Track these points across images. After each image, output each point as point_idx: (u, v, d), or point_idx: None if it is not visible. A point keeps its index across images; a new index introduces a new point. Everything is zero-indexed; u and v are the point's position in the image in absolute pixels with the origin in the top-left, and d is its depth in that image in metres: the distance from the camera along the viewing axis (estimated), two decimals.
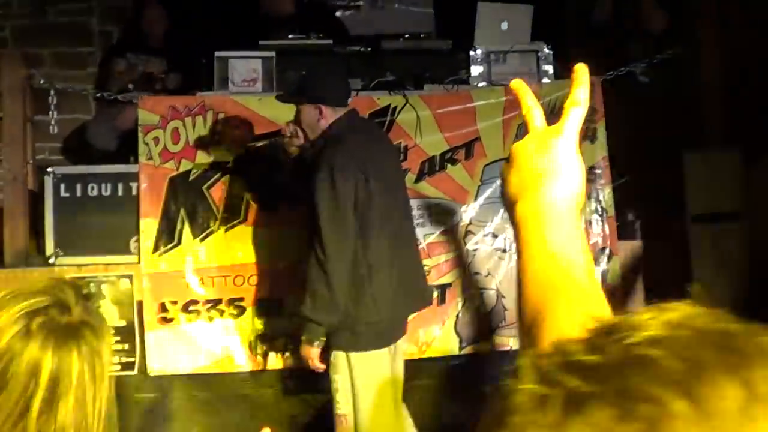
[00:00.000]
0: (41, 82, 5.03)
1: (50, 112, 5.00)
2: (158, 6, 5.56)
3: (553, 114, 4.09)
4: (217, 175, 4.91)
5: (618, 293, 5.07)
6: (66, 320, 1.43)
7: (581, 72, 1.17)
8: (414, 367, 4.92)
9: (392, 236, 4.01)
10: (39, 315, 1.41)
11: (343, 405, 3.96)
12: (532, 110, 1.21)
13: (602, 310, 0.99)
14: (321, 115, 4.05)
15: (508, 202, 1.15)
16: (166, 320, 4.77)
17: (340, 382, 3.94)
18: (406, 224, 4.23)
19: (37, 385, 1.37)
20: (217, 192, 4.91)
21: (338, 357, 3.94)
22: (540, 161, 1.13)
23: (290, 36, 5.26)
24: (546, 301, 1.01)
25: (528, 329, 1.01)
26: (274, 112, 4.91)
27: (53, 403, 1.39)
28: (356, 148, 3.98)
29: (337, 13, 5.35)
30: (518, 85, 1.24)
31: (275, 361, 4.86)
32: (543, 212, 1.08)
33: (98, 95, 5.16)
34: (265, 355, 4.88)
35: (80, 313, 1.45)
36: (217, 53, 5.10)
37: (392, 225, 4.03)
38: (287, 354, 4.85)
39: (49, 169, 4.87)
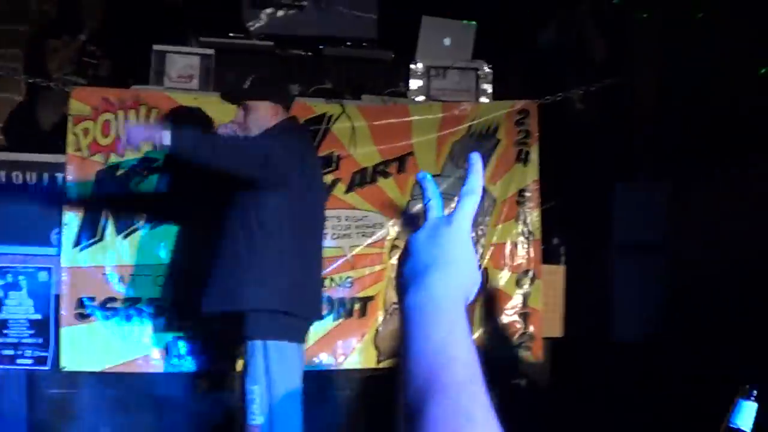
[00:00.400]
0: None
1: None
2: None
3: (488, 135, 4.13)
4: (146, 172, 4.83)
5: (538, 316, 5.13)
6: None
7: (475, 161, 1.18)
8: (330, 378, 4.97)
9: (302, 240, 4.05)
10: None
11: (258, 415, 3.94)
12: (432, 201, 1.21)
13: (476, 407, 0.98)
14: (274, 115, 4.12)
15: (398, 292, 1.14)
16: (83, 316, 4.70)
17: (257, 392, 3.92)
18: (317, 235, 4.23)
19: None
20: (145, 189, 4.84)
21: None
22: (430, 251, 1.12)
23: (231, 35, 5.18)
24: (423, 400, 0.99)
25: (406, 422, 1.00)
26: (210, 112, 4.87)
27: None
28: (294, 145, 4.02)
29: (280, 12, 5.28)
30: (423, 176, 1.25)
31: (190, 363, 4.82)
32: (427, 305, 1.06)
33: (30, 80, 5.04)
34: (180, 357, 4.84)
35: None
36: (155, 46, 5.02)
37: (303, 231, 4.07)
38: (203, 356, 4.83)
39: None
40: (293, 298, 3.96)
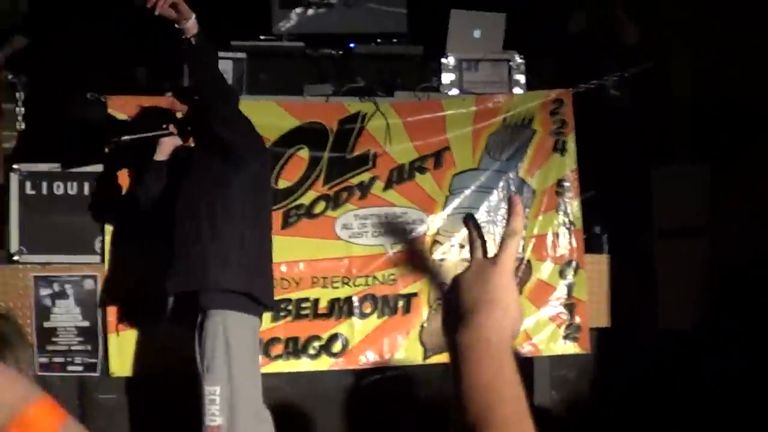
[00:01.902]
0: (9, 77, 4.95)
1: (16, 108, 4.91)
2: None
3: (523, 126, 4.08)
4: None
5: (583, 307, 5.08)
6: None
7: (516, 202, 1.28)
8: (378, 374, 4.96)
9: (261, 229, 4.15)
10: None
11: (218, 415, 3.78)
12: (476, 241, 1.30)
13: None
14: None
15: (446, 331, 1.23)
16: (129, 322, 4.72)
17: (219, 392, 3.77)
18: (270, 229, 4.29)
19: None
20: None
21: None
22: (476, 292, 1.21)
23: (261, 37, 5.19)
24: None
25: None
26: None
27: None
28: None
29: (310, 11, 5.28)
30: (468, 217, 1.37)
31: None
32: (476, 345, 1.15)
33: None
34: None
35: None
36: None
37: (262, 221, 4.16)
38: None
39: (15, 167, 4.78)
40: (255, 281, 3.98)
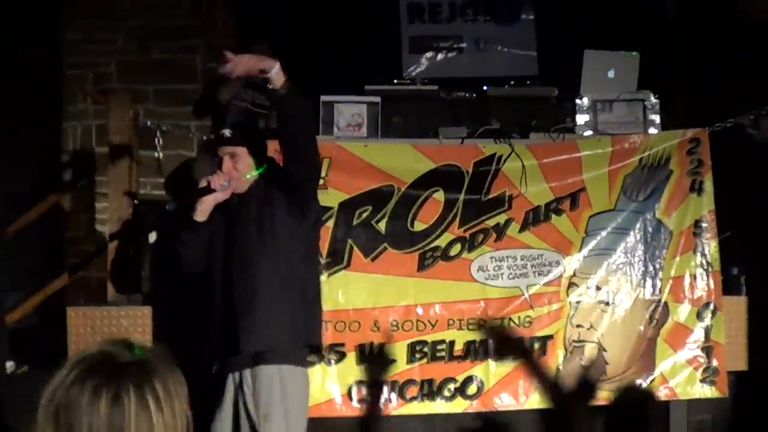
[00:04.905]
0: (148, 123, 5.08)
1: (157, 152, 5.03)
2: (265, 44, 5.58)
3: (660, 167, 4.04)
4: (322, 220, 4.91)
5: (721, 350, 4.98)
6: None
7: None
8: (512, 418, 4.92)
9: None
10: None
11: None
12: None
13: None
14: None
15: None
16: None
17: None
18: None
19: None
20: (322, 237, 4.90)
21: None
22: None
23: (395, 81, 5.26)
24: None
25: None
26: (379, 159, 4.95)
27: None
28: None
29: (440, 56, 5.33)
30: None
31: (374, 408, 4.85)
32: None
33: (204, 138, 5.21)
34: (362, 401, 4.88)
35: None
36: (323, 97, 5.12)
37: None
38: (384, 400, 4.86)
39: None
40: (316, 332, 4.09)
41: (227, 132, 4.01)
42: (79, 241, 5.65)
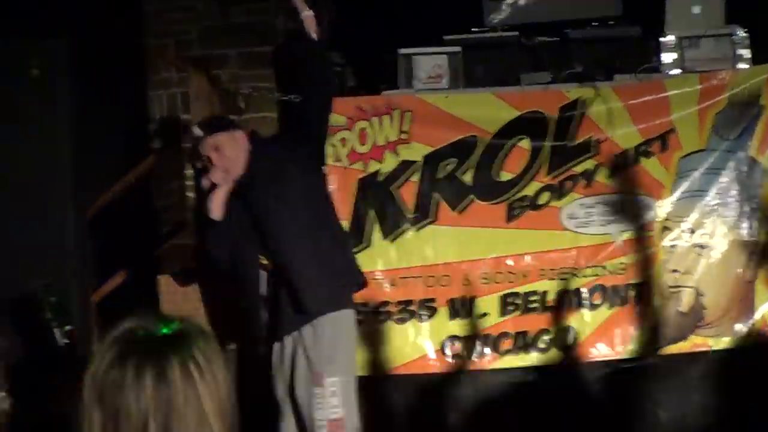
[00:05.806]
0: (229, 88, 5.10)
1: (240, 115, 5.05)
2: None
3: (750, 103, 3.88)
4: (406, 175, 4.88)
5: None
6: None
7: None
8: (609, 367, 4.85)
9: None
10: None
11: (340, 407, 3.89)
12: None
13: None
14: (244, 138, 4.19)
15: None
16: (358, 322, 4.78)
17: (338, 384, 3.89)
18: None
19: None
20: (407, 192, 4.89)
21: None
22: None
23: (473, 30, 5.16)
24: None
25: None
26: (462, 110, 4.89)
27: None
28: None
29: (521, 1, 5.20)
30: None
31: (468, 362, 4.84)
32: None
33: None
34: (456, 357, 4.86)
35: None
36: (400, 50, 5.05)
37: None
38: (478, 355, 4.84)
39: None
40: (357, 272, 4.26)
41: (197, 130, 4.02)
42: (172, 209, 5.71)
